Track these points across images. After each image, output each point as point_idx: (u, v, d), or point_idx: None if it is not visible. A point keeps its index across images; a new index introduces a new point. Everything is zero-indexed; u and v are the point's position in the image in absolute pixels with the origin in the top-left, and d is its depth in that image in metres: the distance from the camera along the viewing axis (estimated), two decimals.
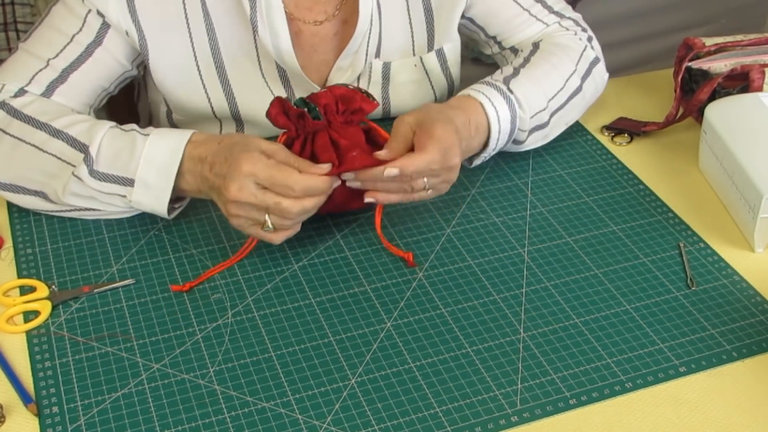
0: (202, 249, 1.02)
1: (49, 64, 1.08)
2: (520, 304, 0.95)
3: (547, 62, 1.14)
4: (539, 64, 1.14)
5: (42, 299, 0.94)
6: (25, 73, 1.08)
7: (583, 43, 1.20)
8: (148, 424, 0.82)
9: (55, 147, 1.01)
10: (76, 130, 1.01)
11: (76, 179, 0.99)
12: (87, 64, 1.10)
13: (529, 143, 1.14)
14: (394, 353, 0.89)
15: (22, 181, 1.03)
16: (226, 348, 0.89)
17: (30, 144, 1.02)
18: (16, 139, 1.02)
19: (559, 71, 1.15)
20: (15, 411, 0.83)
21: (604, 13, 2.12)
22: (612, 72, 1.27)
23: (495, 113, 1.06)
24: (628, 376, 0.87)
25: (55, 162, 1.00)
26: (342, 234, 1.05)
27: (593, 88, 1.20)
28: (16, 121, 1.03)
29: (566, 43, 1.18)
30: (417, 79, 1.23)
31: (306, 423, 0.82)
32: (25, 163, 1.02)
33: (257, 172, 0.91)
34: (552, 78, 1.13)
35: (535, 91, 1.10)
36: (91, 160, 0.98)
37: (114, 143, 1.00)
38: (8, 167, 1.03)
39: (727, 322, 0.93)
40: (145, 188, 0.98)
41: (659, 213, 1.09)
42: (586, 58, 1.18)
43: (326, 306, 0.94)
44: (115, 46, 1.11)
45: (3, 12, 2.02)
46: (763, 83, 1.17)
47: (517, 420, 0.82)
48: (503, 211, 1.09)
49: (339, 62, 1.17)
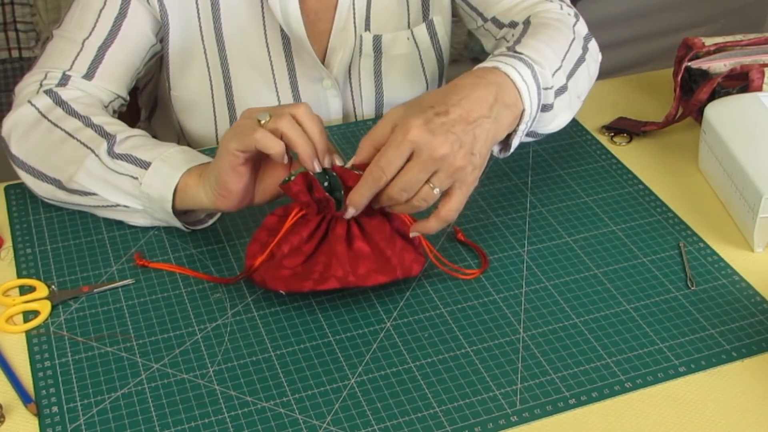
0: (201, 249, 1.02)
1: (84, 45, 1.12)
2: (520, 304, 0.95)
3: (546, 28, 1.07)
4: (537, 32, 1.06)
5: (42, 299, 0.94)
6: (64, 59, 1.12)
7: (572, 18, 1.14)
8: (147, 424, 0.81)
9: (85, 135, 1.03)
10: (112, 128, 1.04)
11: (94, 157, 1.00)
12: (118, 39, 1.14)
13: (558, 110, 1.02)
14: (394, 353, 0.89)
15: (44, 165, 1.04)
16: (226, 348, 0.89)
17: (62, 129, 1.04)
18: (52, 125, 1.05)
19: (561, 34, 1.06)
20: (15, 411, 0.83)
21: (604, 13, 2.12)
22: (612, 72, 1.27)
23: (515, 71, 0.93)
24: (628, 376, 0.87)
25: (78, 147, 1.02)
26: None
27: (594, 64, 1.13)
28: (58, 109, 1.06)
29: (557, 17, 1.11)
30: (408, 53, 1.25)
31: (306, 423, 0.82)
32: (51, 147, 1.04)
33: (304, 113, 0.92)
34: (556, 40, 1.04)
35: (544, 48, 1.01)
36: (114, 141, 1.01)
37: (142, 140, 1.03)
38: (36, 150, 1.05)
39: (727, 322, 0.93)
40: (157, 172, 0.98)
41: (659, 213, 1.09)
42: (579, 32, 1.11)
43: (326, 306, 0.94)
44: (138, 16, 1.15)
45: (3, 12, 2.02)
46: (763, 83, 1.17)
47: (517, 420, 0.82)
48: (503, 211, 1.09)
49: (332, 41, 1.19)
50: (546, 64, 0.98)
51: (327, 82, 1.24)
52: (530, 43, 1.01)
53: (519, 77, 0.93)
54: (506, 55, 0.97)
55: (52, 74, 1.11)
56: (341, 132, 1.23)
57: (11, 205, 1.08)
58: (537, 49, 1.00)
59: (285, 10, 1.16)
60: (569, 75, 1.04)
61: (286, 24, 1.17)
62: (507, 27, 1.19)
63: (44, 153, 1.04)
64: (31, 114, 1.07)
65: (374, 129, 0.89)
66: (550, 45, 1.03)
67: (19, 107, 1.08)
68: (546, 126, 1.03)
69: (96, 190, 1.01)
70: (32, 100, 1.08)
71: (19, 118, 1.07)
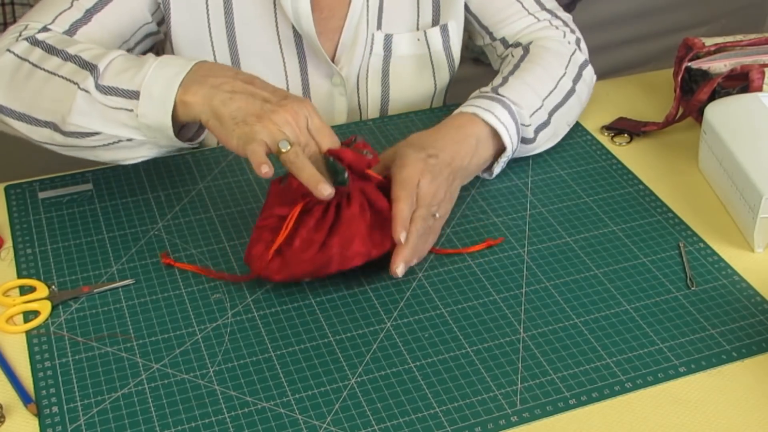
0: (201, 249, 1.02)
1: (73, 5, 1.12)
2: (520, 304, 0.95)
3: (536, 65, 1.16)
4: (528, 68, 1.16)
5: (42, 299, 0.94)
6: (48, 13, 1.11)
7: (572, 46, 1.23)
8: (147, 424, 0.81)
9: (66, 70, 1.01)
10: (90, 54, 1.02)
11: (83, 93, 0.97)
12: (110, 6, 1.13)
13: (540, 142, 1.14)
14: (394, 353, 0.89)
15: (34, 110, 1.01)
16: (226, 348, 0.89)
17: (44, 69, 1.02)
18: (33, 66, 1.03)
19: (549, 73, 1.17)
20: (15, 411, 0.83)
21: (604, 13, 2.12)
22: (612, 72, 1.27)
23: (493, 116, 1.07)
24: (628, 376, 0.87)
25: (64, 84, 0.99)
26: None
27: (586, 91, 1.23)
28: (36, 49, 1.05)
29: (556, 48, 1.20)
30: (418, 54, 1.26)
31: (306, 423, 0.82)
32: (37, 89, 1.01)
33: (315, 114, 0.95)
34: (542, 80, 1.15)
35: (525, 90, 1.12)
36: (98, 73, 0.98)
37: (125, 62, 1.00)
38: (23, 95, 1.02)
39: (727, 322, 0.93)
40: (150, 99, 0.96)
41: (659, 213, 1.09)
42: (575, 62, 1.21)
43: (326, 306, 0.94)
44: None
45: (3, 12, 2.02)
46: (763, 83, 1.17)
47: (517, 420, 0.82)
48: (503, 211, 1.09)
49: (343, 38, 1.20)
50: (525, 104, 1.10)
51: (336, 80, 1.24)
52: (513, 86, 1.12)
53: (496, 120, 1.07)
54: (487, 97, 1.09)
55: (33, 25, 1.09)
56: (342, 132, 1.23)
57: (11, 205, 1.08)
58: (519, 91, 1.11)
59: (296, 9, 1.16)
60: (552, 111, 1.14)
61: (297, 22, 1.17)
62: (512, 47, 1.26)
63: (31, 97, 1.02)
64: (10, 61, 1.04)
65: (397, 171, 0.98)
66: (534, 86, 1.13)
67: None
68: (529, 153, 1.15)
69: (96, 128, 0.98)
70: (10, 48, 1.06)
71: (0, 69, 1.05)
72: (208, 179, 1.13)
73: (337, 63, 1.24)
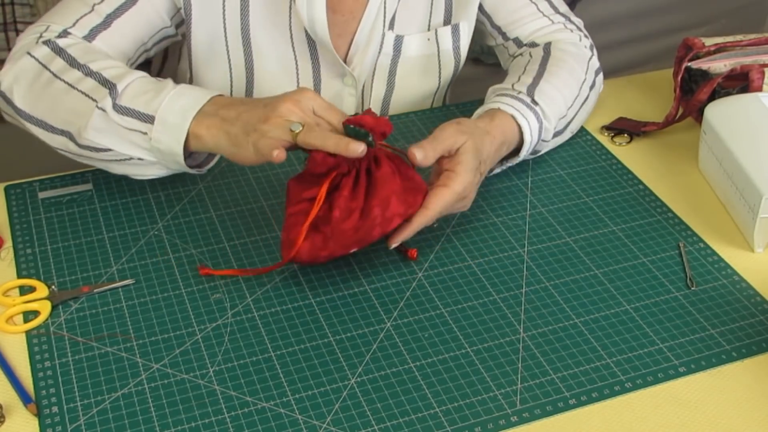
0: (201, 249, 1.02)
1: (94, 9, 1.12)
2: (520, 304, 0.95)
3: (563, 70, 1.17)
4: (557, 72, 1.16)
5: (42, 299, 0.94)
6: (70, 16, 1.11)
7: (588, 51, 1.23)
8: (147, 424, 0.82)
9: (86, 85, 1.02)
10: (111, 72, 1.03)
11: (99, 111, 0.99)
12: (130, 12, 1.13)
13: (550, 145, 1.17)
14: (394, 353, 0.89)
15: (51, 117, 1.03)
16: (226, 348, 0.89)
17: (64, 81, 1.03)
18: (53, 76, 1.04)
19: (575, 78, 1.17)
20: (15, 411, 0.83)
21: (604, 13, 2.12)
22: (612, 72, 1.27)
23: (528, 128, 1.09)
24: (628, 376, 0.87)
25: (83, 99, 1.01)
26: None
27: (595, 99, 1.24)
28: (58, 58, 1.05)
29: (575, 52, 1.21)
30: (427, 54, 1.26)
31: (306, 423, 0.82)
32: (56, 99, 1.03)
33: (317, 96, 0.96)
34: (570, 86, 1.16)
35: (556, 97, 1.13)
36: (116, 93, 1.00)
37: (144, 85, 1.01)
38: (41, 102, 1.04)
39: (727, 322, 0.93)
40: (164, 125, 0.98)
41: (659, 213, 1.09)
42: (592, 67, 1.22)
43: (326, 306, 0.94)
44: None
45: (3, 12, 2.02)
46: (763, 83, 1.17)
47: (516, 420, 0.82)
48: (503, 211, 1.09)
49: (357, 39, 1.20)
50: (553, 117, 1.12)
51: (348, 80, 1.25)
52: (546, 91, 1.12)
53: (529, 135, 1.09)
54: (525, 103, 1.09)
55: (53, 28, 1.10)
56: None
57: (11, 205, 1.08)
58: (551, 98, 1.12)
59: (311, 16, 1.16)
60: (570, 121, 1.17)
61: (311, 29, 1.17)
62: (526, 46, 1.26)
63: (49, 105, 1.03)
64: (31, 66, 1.06)
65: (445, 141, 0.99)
66: (563, 92, 1.14)
67: (18, 60, 1.06)
68: (529, 158, 1.16)
69: (109, 145, 1.00)
70: (31, 51, 1.07)
71: (20, 72, 1.06)
72: (208, 179, 1.13)
73: (349, 63, 1.24)
